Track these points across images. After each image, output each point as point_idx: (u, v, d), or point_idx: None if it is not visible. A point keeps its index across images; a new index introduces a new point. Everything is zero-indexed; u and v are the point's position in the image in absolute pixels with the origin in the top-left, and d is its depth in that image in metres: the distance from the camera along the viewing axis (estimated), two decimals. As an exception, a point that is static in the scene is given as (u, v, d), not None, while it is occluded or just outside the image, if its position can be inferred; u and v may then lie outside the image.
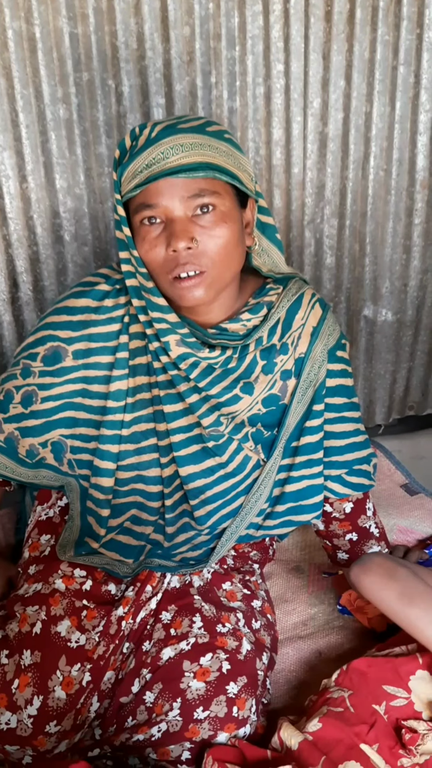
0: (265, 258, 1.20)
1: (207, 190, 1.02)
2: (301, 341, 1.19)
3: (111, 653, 1.14)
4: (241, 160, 1.08)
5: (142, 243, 1.05)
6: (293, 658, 1.32)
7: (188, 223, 1.03)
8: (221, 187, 1.04)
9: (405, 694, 1.04)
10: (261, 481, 1.21)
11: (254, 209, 1.14)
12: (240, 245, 1.09)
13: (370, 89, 1.55)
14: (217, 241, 1.04)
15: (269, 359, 1.17)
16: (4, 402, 1.21)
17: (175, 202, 1.02)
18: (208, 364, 1.13)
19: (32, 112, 1.38)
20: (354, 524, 1.30)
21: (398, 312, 1.82)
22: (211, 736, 1.07)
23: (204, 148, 1.02)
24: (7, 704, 1.07)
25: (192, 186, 1.01)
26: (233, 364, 1.15)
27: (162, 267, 1.05)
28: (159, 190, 1.02)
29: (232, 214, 1.06)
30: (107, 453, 1.18)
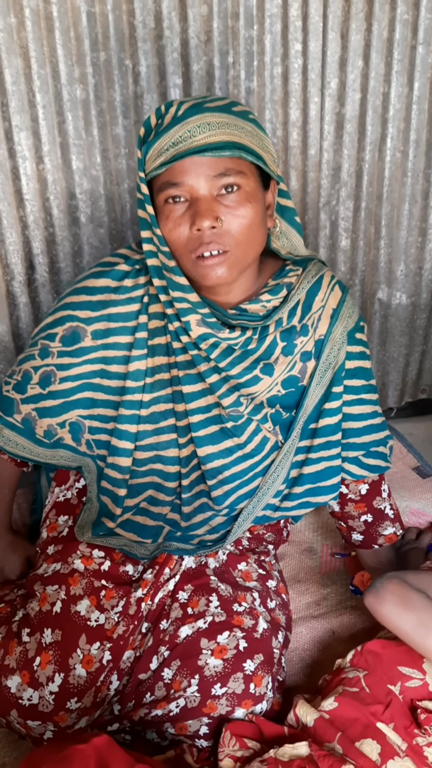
0: (284, 241, 1.19)
1: (232, 169, 1.02)
2: (321, 323, 1.19)
3: (130, 633, 1.16)
4: (265, 141, 1.07)
5: (165, 222, 1.05)
6: (307, 638, 1.34)
7: (213, 202, 1.02)
8: (246, 167, 1.04)
9: (420, 675, 1.05)
10: (278, 462, 1.21)
11: (275, 191, 1.13)
12: (262, 226, 1.08)
13: (388, 69, 1.53)
14: (241, 221, 1.03)
15: (289, 341, 1.17)
16: (21, 383, 1.22)
17: (200, 181, 1.01)
18: (228, 344, 1.13)
19: (49, 93, 1.36)
20: (369, 506, 1.30)
21: (413, 295, 1.80)
22: (229, 711, 1.09)
23: (230, 128, 1.01)
24: (29, 681, 1.09)
25: (218, 165, 1.01)
26: (253, 345, 1.15)
27: (185, 246, 1.05)
28: (185, 169, 1.01)
29: (256, 195, 1.05)
30: (126, 433, 1.18)
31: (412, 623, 1.04)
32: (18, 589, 1.30)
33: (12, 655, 1.12)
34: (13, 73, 1.32)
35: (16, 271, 1.48)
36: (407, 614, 1.04)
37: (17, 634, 1.15)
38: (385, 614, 1.06)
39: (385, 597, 1.07)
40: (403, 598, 1.06)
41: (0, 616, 1.21)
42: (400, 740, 0.97)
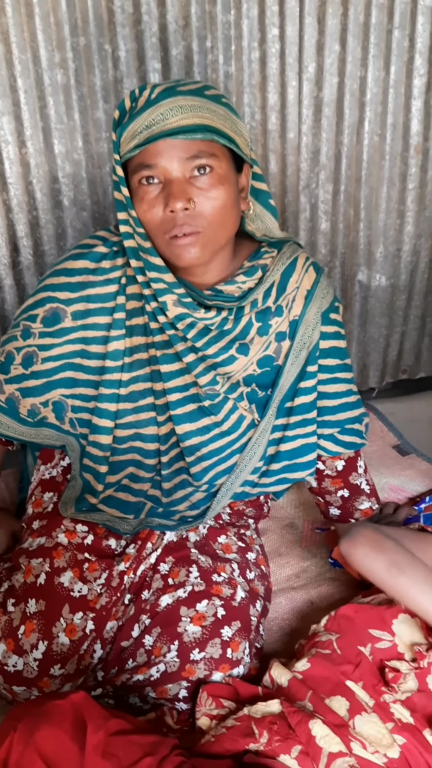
0: (259, 223, 1.22)
1: (205, 152, 1.04)
2: (295, 304, 1.21)
3: (113, 604, 1.19)
4: (238, 125, 1.10)
5: (140, 203, 1.07)
6: (286, 608, 1.37)
7: (186, 184, 1.05)
8: (219, 150, 1.06)
9: (389, 637, 1.10)
10: (255, 439, 1.25)
11: (249, 175, 1.16)
12: (235, 208, 1.11)
13: (365, 53, 1.56)
14: (214, 203, 1.06)
15: (264, 321, 1.20)
16: (5, 363, 1.24)
17: (173, 163, 1.04)
18: (205, 324, 1.16)
19: (30, 78, 1.38)
20: (346, 481, 1.34)
21: (392, 277, 1.84)
22: (207, 675, 1.13)
23: (203, 111, 1.04)
24: (14, 648, 1.13)
25: (190, 147, 1.03)
26: (229, 326, 1.18)
27: (159, 227, 1.07)
28: (158, 151, 1.03)
29: (228, 177, 1.08)
30: (105, 411, 1.22)
31: (384, 563, 1.08)
32: (4, 563, 1.32)
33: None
34: None
35: (1, 254, 1.51)
36: (379, 556, 1.09)
37: (2, 605, 1.18)
38: (359, 557, 1.11)
39: (358, 540, 1.12)
40: (376, 541, 1.11)
41: None
42: (368, 697, 1.01)
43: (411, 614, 1.11)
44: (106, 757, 0.87)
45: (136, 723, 0.98)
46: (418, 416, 1.92)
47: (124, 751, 0.89)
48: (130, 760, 0.88)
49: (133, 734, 0.93)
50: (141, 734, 0.95)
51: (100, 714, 0.92)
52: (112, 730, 0.91)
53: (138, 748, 0.91)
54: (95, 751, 0.87)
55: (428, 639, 1.07)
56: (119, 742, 0.90)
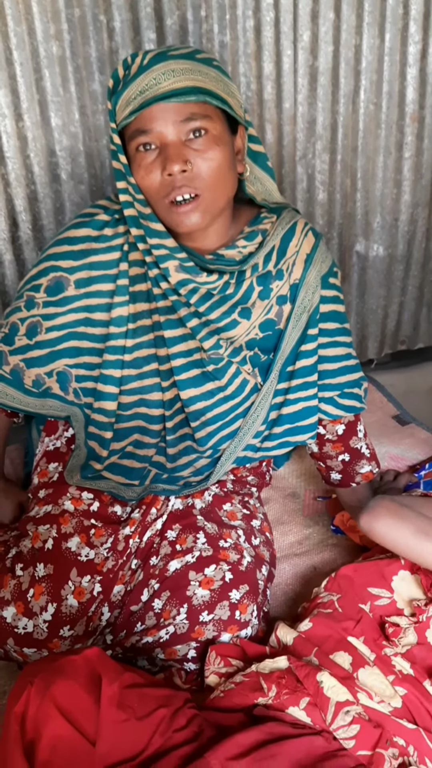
0: (258, 186, 1.23)
1: (198, 114, 1.05)
2: (295, 267, 1.23)
3: (119, 568, 1.21)
4: (230, 87, 1.11)
5: (138, 169, 1.08)
6: (290, 573, 1.40)
7: (182, 146, 1.06)
8: (212, 111, 1.07)
9: (388, 594, 1.12)
10: (258, 403, 1.26)
11: (244, 137, 1.17)
12: (232, 170, 1.12)
13: (360, 21, 1.56)
14: (210, 164, 1.07)
15: (265, 285, 1.21)
16: (9, 335, 1.26)
17: (168, 127, 1.05)
18: (207, 289, 1.17)
19: (26, 50, 1.38)
20: (346, 445, 1.36)
21: (389, 247, 1.85)
22: (215, 636, 1.16)
23: (194, 74, 1.05)
24: (23, 611, 1.15)
25: (184, 110, 1.05)
26: (231, 291, 1.19)
27: (158, 192, 1.08)
28: (153, 116, 1.05)
29: (223, 138, 1.09)
30: (110, 378, 1.23)
31: (409, 531, 1.07)
32: (11, 531, 1.34)
33: (6, 588, 1.18)
34: None
35: (0, 228, 1.51)
36: (403, 524, 1.07)
37: (11, 569, 1.20)
38: (381, 529, 1.09)
39: (379, 512, 1.10)
40: (397, 511, 1.09)
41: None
42: (369, 651, 1.04)
43: (411, 570, 1.13)
44: (121, 707, 0.89)
45: (149, 678, 1.01)
46: (416, 387, 1.98)
47: (138, 702, 0.92)
48: (144, 711, 0.91)
49: (146, 687, 0.96)
50: (154, 688, 0.97)
51: (114, 668, 0.95)
52: (126, 683, 0.93)
53: (152, 700, 0.93)
54: (110, 702, 0.89)
55: (427, 594, 1.10)
56: (133, 694, 0.92)
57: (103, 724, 0.89)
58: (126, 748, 0.89)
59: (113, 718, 0.89)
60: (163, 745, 0.90)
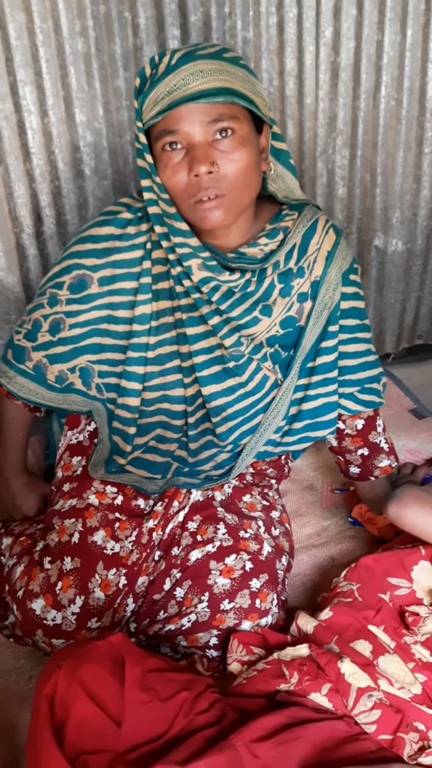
0: (280, 183, 1.24)
1: (226, 114, 1.06)
2: (316, 265, 1.24)
3: (143, 560, 1.24)
4: (257, 86, 1.11)
5: (164, 169, 1.09)
6: (308, 564, 1.42)
7: (209, 147, 1.06)
8: (239, 112, 1.08)
9: (407, 584, 1.14)
10: (278, 399, 1.28)
11: (269, 135, 1.17)
12: (257, 169, 1.13)
13: (382, 17, 1.56)
14: (237, 165, 1.08)
15: (286, 283, 1.23)
16: (32, 331, 1.27)
17: (195, 127, 1.06)
18: (229, 287, 1.19)
19: (51, 47, 1.39)
20: (365, 440, 1.37)
21: (408, 242, 1.85)
22: (236, 624, 1.18)
23: (222, 74, 1.05)
24: (52, 603, 1.18)
25: (212, 111, 1.05)
26: (252, 288, 1.21)
27: (184, 192, 1.09)
28: (180, 116, 1.05)
29: (250, 139, 1.10)
30: (134, 374, 1.25)
31: None
32: (36, 524, 1.38)
33: (35, 580, 1.20)
34: (16, 27, 1.36)
35: (25, 223, 1.53)
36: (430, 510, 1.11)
37: (39, 563, 1.23)
38: (410, 516, 1.12)
39: (407, 501, 1.13)
40: (425, 499, 1.12)
41: (23, 547, 1.29)
42: (389, 639, 1.06)
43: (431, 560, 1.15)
44: (144, 690, 0.92)
45: (172, 664, 1.04)
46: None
47: (161, 685, 0.94)
48: (167, 694, 0.93)
49: (169, 672, 0.98)
50: (177, 672, 1.00)
51: (138, 653, 0.97)
52: (149, 668, 0.96)
53: (174, 683, 0.96)
54: (134, 684, 0.92)
55: None
56: (156, 678, 0.95)
57: (127, 705, 0.92)
58: (150, 729, 0.92)
59: (137, 700, 0.92)
60: (185, 726, 0.92)
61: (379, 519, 1.41)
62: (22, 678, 1.23)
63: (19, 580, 1.22)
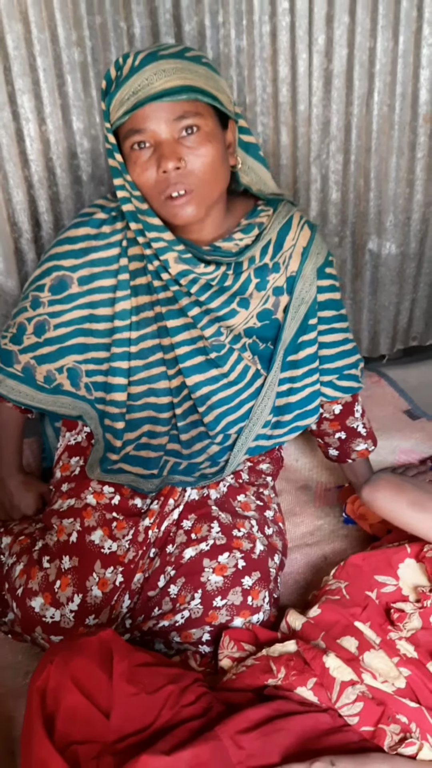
0: (252, 176, 1.27)
1: (190, 111, 1.09)
2: (292, 260, 1.28)
3: (140, 558, 1.27)
4: (220, 83, 1.14)
5: (133, 167, 1.13)
6: (301, 562, 1.45)
7: (175, 144, 1.10)
8: (203, 108, 1.11)
9: (394, 582, 1.17)
10: (264, 393, 1.31)
11: (235, 130, 1.20)
12: (224, 164, 1.16)
13: (374, 24, 1.59)
14: (203, 160, 1.11)
15: (262, 277, 1.26)
16: (17, 334, 1.31)
17: (161, 125, 1.09)
18: (206, 280, 1.22)
19: (49, 56, 1.43)
20: (343, 424, 1.42)
21: (402, 245, 1.87)
22: (228, 620, 1.21)
23: (185, 72, 1.08)
24: (51, 601, 1.21)
25: (176, 109, 1.08)
26: (229, 282, 1.24)
27: (154, 188, 1.13)
28: (146, 115, 1.08)
29: (215, 134, 1.13)
30: (118, 369, 1.29)
31: (405, 502, 1.14)
32: (35, 523, 1.41)
33: (34, 579, 1.24)
34: (14, 38, 1.39)
35: (23, 228, 1.57)
36: (401, 496, 1.15)
37: (38, 562, 1.26)
38: (381, 500, 1.17)
39: (379, 485, 1.18)
40: (396, 484, 1.17)
41: (22, 546, 1.32)
42: (375, 636, 1.08)
43: (417, 558, 1.17)
44: (132, 682, 0.95)
45: (160, 659, 1.07)
46: (428, 382, 1.98)
47: (148, 678, 0.97)
48: (153, 687, 0.96)
49: (156, 666, 1.01)
50: (164, 667, 1.03)
51: (126, 648, 1.00)
52: (137, 662, 0.99)
53: (161, 677, 0.99)
54: (121, 677, 0.95)
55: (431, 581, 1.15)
56: (144, 671, 0.98)
57: (115, 697, 0.95)
58: (137, 720, 0.95)
59: (125, 692, 0.95)
60: (172, 718, 0.95)
61: (370, 515, 1.44)
62: (19, 674, 1.26)
63: (19, 578, 1.25)
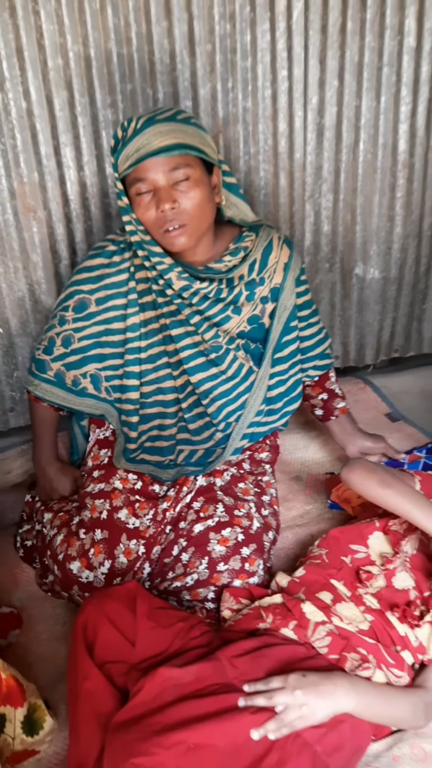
0: (235, 210, 1.52)
1: (182, 163, 1.33)
2: (276, 275, 1.54)
3: (158, 534, 1.49)
4: (206, 138, 1.38)
5: (138, 208, 1.38)
6: (292, 540, 1.67)
7: (170, 189, 1.34)
8: (192, 160, 1.35)
9: (365, 550, 1.40)
10: (256, 385, 1.56)
11: (219, 174, 1.44)
12: (210, 202, 1.41)
13: (359, 87, 1.82)
14: (193, 201, 1.36)
15: (251, 290, 1.52)
16: (48, 347, 1.56)
17: (159, 175, 1.33)
18: (204, 293, 1.46)
19: (87, 116, 1.67)
20: (323, 387, 1.72)
21: (384, 271, 2.08)
22: (229, 582, 1.42)
23: (177, 132, 1.32)
24: (86, 565, 1.44)
25: (170, 162, 1.32)
26: (224, 294, 1.49)
27: (155, 224, 1.38)
28: (147, 167, 1.32)
29: (202, 180, 1.37)
30: (132, 373, 1.53)
31: (375, 481, 1.35)
32: (71, 503, 1.62)
33: (73, 547, 1.45)
34: (60, 102, 1.65)
35: (62, 256, 1.82)
36: (372, 475, 1.36)
37: (75, 533, 1.47)
38: (355, 479, 1.38)
39: (355, 466, 1.40)
40: (369, 466, 1.39)
41: (62, 521, 1.54)
42: (347, 591, 1.32)
43: (383, 531, 1.43)
44: (151, 619, 1.21)
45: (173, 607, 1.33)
46: (408, 389, 2.19)
47: (164, 617, 1.23)
48: (168, 623, 1.22)
49: (170, 609, 1.28)
50: (176, 611, 1.30)
51: (147, 595, 1.27)
52: (154, 605, 1.25)
53: (174, 617, 1.25)
54: (143, 616, 1.21)
55: (395, 549, 1.40)
56: (160, 612, 1.24)
57: (138, 630, 1.20)
58: (155, 647, 1.19)
59: (145, 626, 1.20)
60: (182, 646, 1.20)
61: (353, 499, 1.67)
62: (59, 623, 1.50)
63: (60, 546, 1.48)
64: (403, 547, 1.38)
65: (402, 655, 1.25)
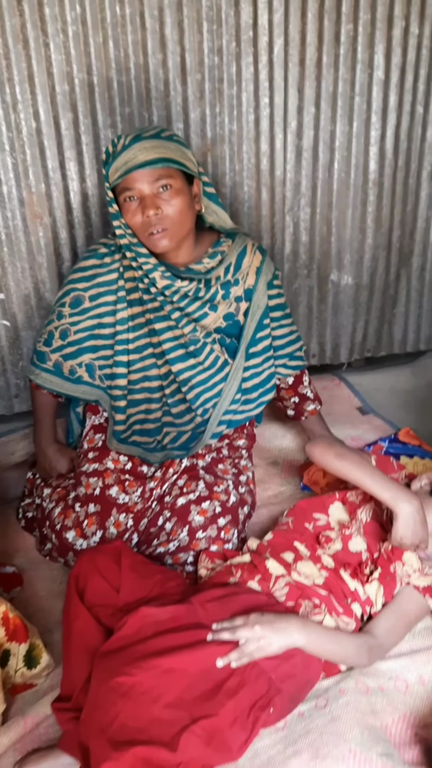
0: (214, 217, 1.69)
1: (164, 175, 1.48)
2: (249, 277, 1.70)
3: (145, 509, 1.65)
4: (186, 153, 1.55)
5: (126, 213, 1.53)
6: (266, 516, 1.84)
7: (154, 198, 1.49)
8: (174, 172, 1.49)
9: (325, 518, 1.59)
10: (231, 375, 1.71)
11: (199, 185, 1.59)
12: (190, 209, 1.57)
13: (334, 114, 1.99)
14: (174, 208, 1.52)
15: (226, 290, 1.68)
16: (48, 339, 1.72)
17: (144, 185, 1.48)
18: (185, 291, 1.62)
19: (90, 134, 1.85)
20: (295, 391, 1.87)
21: (356, 277, 2.23)
22: (206, 547, 1.57)
23: (160, 148, 1.47)
24: (80, 534, 1.59)
25: (154, 173, 1.47)
26: (203, 293, 1.65)
27: (140, 228, 1.54)
28: (134, 178, 1.47)
29: (183, 189, 1.52)
30: (120, 362, 1.68)
31: (332, 454, 1.53)
32: (68, 480, 1.76)
33: (69, 518, 1.60)
34: (66, 122, 1.83)
35: (65, 258, 2.00)
36: (330, 449, 1.55)
37: (72, 507, 1.62)
38: (317, 453, 1.55)
39: (317, 443, 1.59)
40: (328, 442, 1.58)
41: (59, 496, 1.68)
42: (307, 551, 1.51)
43: (342, 502, 1.61)
44: (133, 571, 1.39)
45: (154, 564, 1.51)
46: (379, 386, 2.36)
47: (145, 570, 1.41)
48: (148, 574, 1.40)
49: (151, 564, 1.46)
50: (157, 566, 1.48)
51: (131, 552, 1.45)
52: (138, 561, 1.43)
53: (154, 570, 1.43)
54: (126, 568, 1.38)
55: (351, 517, 1.58)
56: (142, 566, 1.42)
57: (123, 580, 1.37)
58: (137, 593, 1.36)
59: (129, 577, 1.37)
60: (160, 593, 1.37)
61: (320, 480, 1.84)
62: (56, 582, 1.67)
63: (57, 518, 1.63)
64: (359, 515, 1.57)
65: (352, 607, 1.43)
